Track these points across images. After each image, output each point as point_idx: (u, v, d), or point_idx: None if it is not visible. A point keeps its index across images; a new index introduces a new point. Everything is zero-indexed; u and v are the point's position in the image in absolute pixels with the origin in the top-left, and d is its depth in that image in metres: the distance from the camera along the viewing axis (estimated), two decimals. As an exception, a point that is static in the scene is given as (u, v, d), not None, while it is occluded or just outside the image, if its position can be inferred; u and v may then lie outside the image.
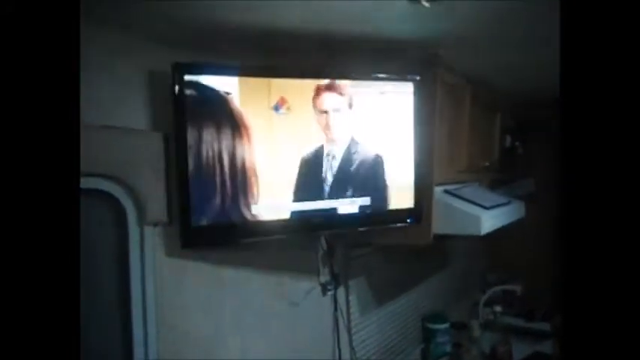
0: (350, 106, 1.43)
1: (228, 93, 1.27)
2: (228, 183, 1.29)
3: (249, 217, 1.32)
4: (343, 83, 1.41)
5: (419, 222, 1.57)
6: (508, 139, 2.49)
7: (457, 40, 1.43)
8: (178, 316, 1.37)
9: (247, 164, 1.31)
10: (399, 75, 1.53)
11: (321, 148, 1.40)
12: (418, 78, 1.52)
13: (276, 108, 1.34)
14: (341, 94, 1.41)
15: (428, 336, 2.42)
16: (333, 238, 1.76)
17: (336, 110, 1.39)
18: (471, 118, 1.94)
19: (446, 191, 1.73)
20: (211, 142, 1.26)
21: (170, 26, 1.20)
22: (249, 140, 1.30)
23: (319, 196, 1.40)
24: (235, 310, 1.51)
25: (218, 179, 1.28)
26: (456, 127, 1.87)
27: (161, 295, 1.32)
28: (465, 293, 2.97)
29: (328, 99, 1.38)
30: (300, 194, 1.37)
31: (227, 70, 1.30)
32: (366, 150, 1.46)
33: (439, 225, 1.60)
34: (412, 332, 2.42)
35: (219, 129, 1.27)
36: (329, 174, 1.39)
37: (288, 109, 1.35)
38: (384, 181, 1.48)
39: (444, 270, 2.76)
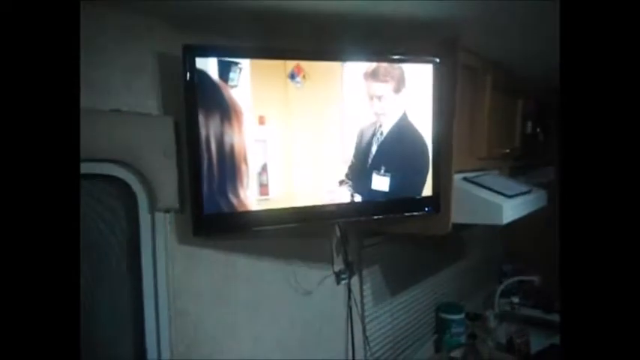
0: (397, 90, 1.41)
1: (237, 63, 1.22)
2: (241, 169, 1.25)
3: (261, 205, 1.28)
4: (389, 68, 1.39)
5: (437, 211, 1.51)
6: (529, 126, 2.41)
7: (479, 23, 1.36)
8: (190, 303, 1.35)
9: (261, 150, 1.27)
10: (418, 57, 1.46)
11: (374, 123, 1.41)
12: (438, 60, 1.46)
13: (292, 76, 1.28)
14: (385, 81, 1.39)
15: (442, 326, 2.38)
16: (348, 226, 1.72)
17: (379, 97, 1.39)
18: (491, 103, 1.86)
19: (465, 179, 1.68)
20: (224, 127, 1.22)
21: (178, 7, 1.15)
22: (263, 125, 1.26)
23: (364, 169, 1.40)
24: (248, 298, 1.49)
25: (230, 165, 1.24)
26: (476, 113, 1.80)
27: (173, 283, 1.30)
28: (481, 283, 2.92)
29: (371, 87, 1.38)
30: (353, 165, 1.39)
31: (240, 52, 1.25)
32: (414, 131, 1.45)
33: (458, 214, 1.53)
34: (426, 322, 2.39)
35: (231, 113, 1.23)
36: (374, 148, 1.40)
37: (304, 77, 1.29)
38: (426, 163, 1.48)
39: (460, 259, 2.71)
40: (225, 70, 1.21)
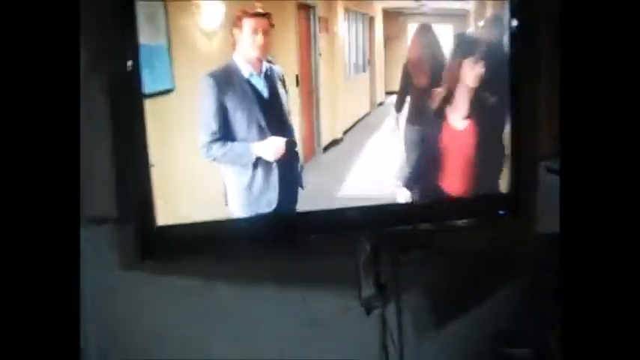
0: None
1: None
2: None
3: (241, 211, 0.96)
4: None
5: (516, 214, 1.16)
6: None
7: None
8: (149, 351, 1.09)
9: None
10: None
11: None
12: (516, 23, 1.14)
13: None
14: None
15: (501, 362, 1.96)
16: (381, 237, 1.38)
17: None
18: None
19: (550, 170, 1.27)
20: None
21: None
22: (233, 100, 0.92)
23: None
24: (234, 340, 1.26)
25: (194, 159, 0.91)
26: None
27: (115, 328, 1.04)
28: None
29: None
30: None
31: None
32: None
33: (544, 218, 1.20)
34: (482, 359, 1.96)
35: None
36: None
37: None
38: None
39: (522, 277, 2.28)
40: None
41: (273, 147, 0.90)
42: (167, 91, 0.86)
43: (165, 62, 0.84)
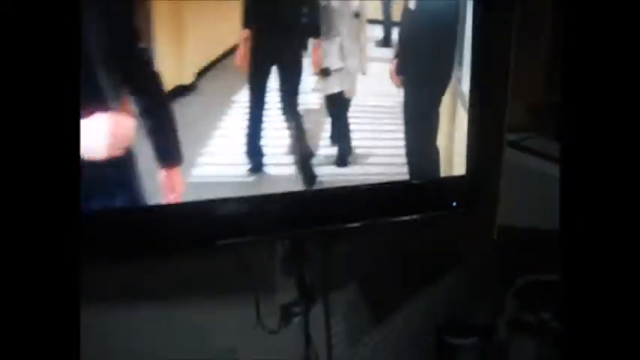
0: None
1: None
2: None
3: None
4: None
5: (473, 209, 0.86)
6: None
7: None
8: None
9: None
10: None
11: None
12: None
13: None
14: None
15: (448, 354, 1.82)
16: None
17: None
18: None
19: (512, 143, 0.99)
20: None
21: None
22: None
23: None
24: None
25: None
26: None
27: None
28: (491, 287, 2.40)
29: None
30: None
31: None
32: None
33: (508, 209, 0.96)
34: (427, 351, 1.84)
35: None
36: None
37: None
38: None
39: (465, 260, 2.18)
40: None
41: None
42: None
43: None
